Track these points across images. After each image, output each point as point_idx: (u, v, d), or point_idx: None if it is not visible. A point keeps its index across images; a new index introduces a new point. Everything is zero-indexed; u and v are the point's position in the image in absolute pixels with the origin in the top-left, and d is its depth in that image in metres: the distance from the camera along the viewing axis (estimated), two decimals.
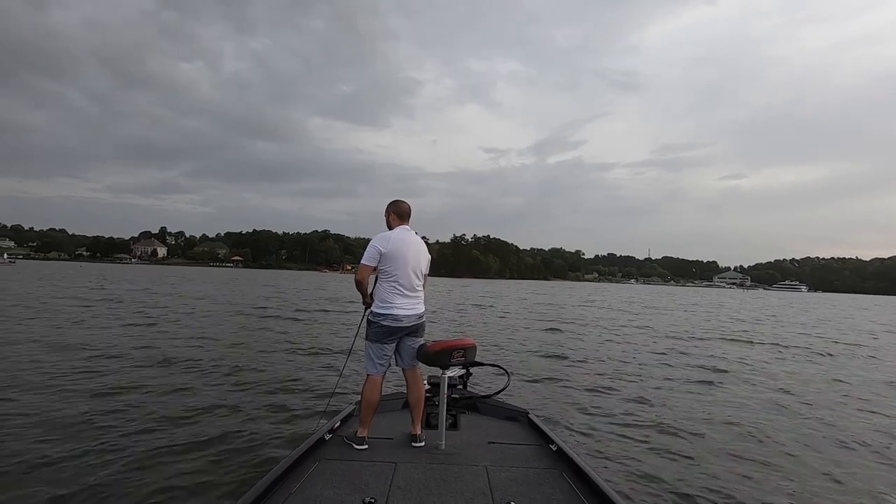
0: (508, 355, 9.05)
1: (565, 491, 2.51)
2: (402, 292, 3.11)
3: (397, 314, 3.09)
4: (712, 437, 4.75)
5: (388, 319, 3.08)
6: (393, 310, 3.08)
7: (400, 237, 3.18)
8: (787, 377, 8.08)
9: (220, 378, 6.30)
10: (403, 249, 3.13)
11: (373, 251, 3.11)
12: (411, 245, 3.18)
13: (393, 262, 3.10)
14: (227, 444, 4.01)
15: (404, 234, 3.21)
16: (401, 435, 3.20)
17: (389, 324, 3.09)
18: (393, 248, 3.11)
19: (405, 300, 3.12)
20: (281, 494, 2.34)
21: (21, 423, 4.28)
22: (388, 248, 3.11)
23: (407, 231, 3.25)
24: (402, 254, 3.12)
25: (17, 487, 3.20)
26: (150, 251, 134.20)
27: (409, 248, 3.15)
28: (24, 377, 5.86)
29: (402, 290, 3.11)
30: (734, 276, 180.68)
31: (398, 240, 3.16)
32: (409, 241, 3.19)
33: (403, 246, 3.14)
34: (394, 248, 3.11)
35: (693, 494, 3.50)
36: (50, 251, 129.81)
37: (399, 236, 3.19)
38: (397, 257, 3.10)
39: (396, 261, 3.10)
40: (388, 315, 3.08)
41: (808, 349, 11.91)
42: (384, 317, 3.09)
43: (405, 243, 3.16)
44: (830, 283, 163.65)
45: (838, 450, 4.60)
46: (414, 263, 3.15)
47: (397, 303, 3.09)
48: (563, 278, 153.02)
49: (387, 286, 3.12)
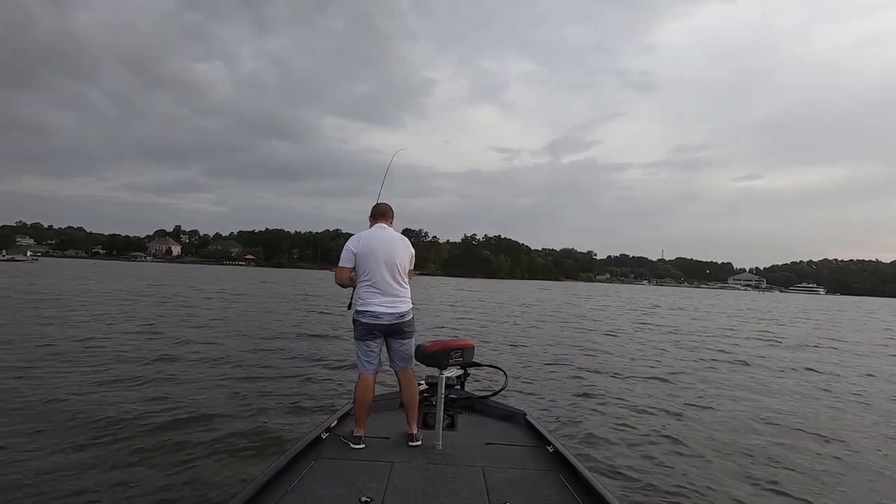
0: (508, 356, 9.05)
1: (562, 492, 2.49)
2: (377, 290, 3.10)
3: (376, 311, 3.09)
4: (711, 440, 4.72)
5: (366, 316, 3.10)
6: (371, 307, 3.09)
7: (370, 235, 3.20)
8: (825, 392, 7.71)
9: (221, 376, 6.33)
10: (373, 247, 3.13)
11: (346, 252, 3.16)
12: (381, 242, 3.17)
13: (364, 261, 3.11)
14: (224, 441, 4.02)
15: (375, 232, 3.23)
16: (398, 434, 3.19)
17: (368, 321, 3.09)
18: (363, 246, 3.13)
19: (383, 298, 3.10)
20: (277, 493, 2.34)
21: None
22: (359, 247, 3.13)
23: (382, 228, 3.25)
24: (372, 251, 3.12)
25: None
26: (164, 249, 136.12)
27: (378, 245, 3.15)
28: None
29: (377, 288, 3.10)
30: (749, 278, 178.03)
31: (368, 237, 3.18)
32: (379, 238, 3.19)
33: (373, 243, 3.15)
34: (364, 247, 3.13)
35: (690, 496, 3.48)
36: (67, 249, 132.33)
37: (369, 234, 3.21)
38: (367, 255, 3.11)
39: (367, 259, 3.11)
40: (366, 312, 3.10)
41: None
42: (363, 314, 3.11)
43: (375, 240, 3.17)
44: (849, 286, 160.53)
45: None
46: (386, 260, 3.13)
47: (374, 300, 3.10)
48: (574, 279, 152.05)
49: (363, 285, 3.14)
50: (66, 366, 6.47)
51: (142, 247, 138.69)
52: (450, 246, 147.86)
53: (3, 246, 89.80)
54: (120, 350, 7.73)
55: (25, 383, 5.50)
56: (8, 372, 5.92)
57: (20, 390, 5.21)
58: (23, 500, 3.04)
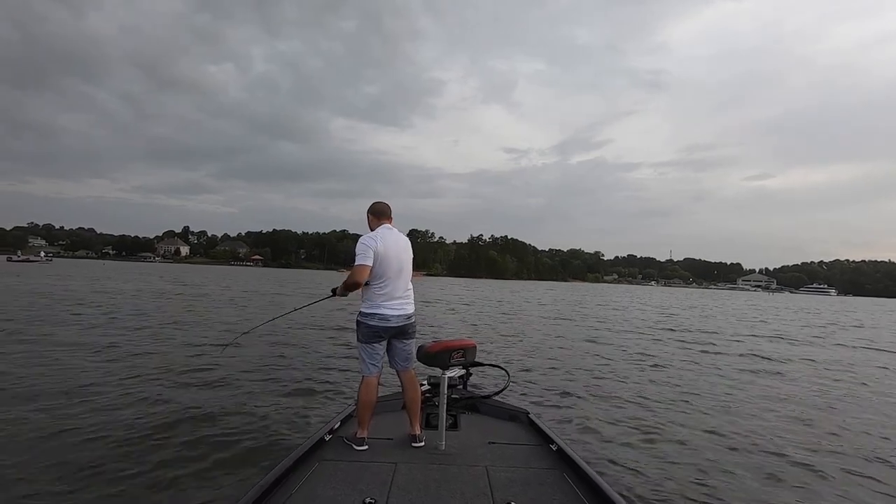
0: (510, 354, 9.01)
1: (565, 491, 2.49)
2: (388, 292, 3.07)
3: (385, 314, 3.05)
4: (715, 440, 4.67)
5: (375, 319, 3.05)
6: (381, 309, 3.05)
7: (385, 236, 3.14)
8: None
9: (224, 377, 6.31)
10: (389, 249, 3.10)
11: (366, 250, 3.03)
12: (393, 244, 3.14)
13: (379, 263, 3.06)
14: (227, 444, 4.01)
15: (389, 234, 3.18)
16: (401, 435, 3.20)
17: (377, 324, 3.05)
18: (381, 247, 3.07)
19: (393, 301, 3.08)
20: (281, 495, 2.35)
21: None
22: (378, 247, 3.06)
23: (390, 229, 3.22)
24: (388, 253, 3.08)
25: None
26: (173, 250, 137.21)
27: (393, 247, 3.12)
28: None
29: (388, 291, 3.07)
30: (759, 279, 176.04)
31: (384, 238, 3.13)
32: (394, 240, 3.16)
33: (389, 245, 3.11)
34: (381, 248, 3.07)
35: (694, 496, 3.46)
36: (78, 250, 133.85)
37: (384, 235, 3.15)
38: (381, 257, 3.06)
39: (383, 261, 3.06)
40: (375, 315, 3.05)
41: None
42: (371, 316, 3.06)
43: (391, 243, 3.13)
44: (861, 287, 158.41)
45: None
46: (398, 263, 3.11)
47: (385, 303, 3.06)
48: (581, 279, 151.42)
49: (374, 286, 3.08)
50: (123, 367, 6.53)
51: (151, 247, 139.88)
52: (456, 246, 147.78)
53: (16, 247, 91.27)
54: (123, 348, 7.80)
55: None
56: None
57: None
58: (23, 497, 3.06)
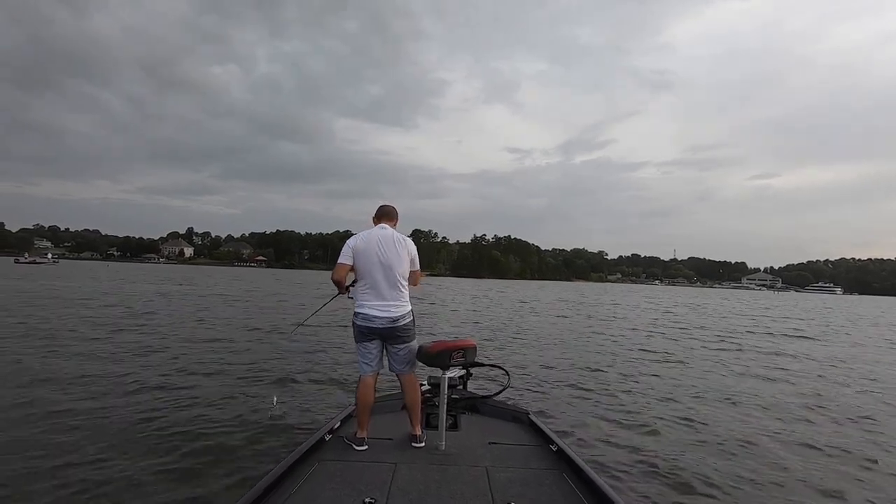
0: (510, 354, 9.01)
1: (566, 492, 2.48)
2: (372, 292, 3.07)
3: (369, 314, 3.05)
4: (716, 441, 4.65)
5: (360, 318, 3.07)
6: (365, 309, 3.06)
7: (369, 234, 3.14)
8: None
9: (224, 377, 6.34)
10: (370, 246, 3.08)
11: (345, 249, 3.11)
12: (378, 242, 3.10)
13: (360, 261, 3.07)
14: (227, 444, 4.01)
15: (374, 231, 3.17)
16: (401, 435, 3.19)
17: (361, 323, 3.07)
18: (360, 245, 3.08)
19: (376, 301, 3.06)
20: (280, 495, 2.35)
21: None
22: (356, 244, 3.09)
23: (381, 228, 3.20)
24: (370, 251, 3.08)
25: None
26: (177, 251, 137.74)
27: (375, 244, 3.09)
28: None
29: (371, 290, 3.07)
30: (763, 278, 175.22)
31: (367, 236, 3.13)
32: (377, 237, 3.12)
33: (371, 243, 3.10)
34: (360, 246, 3.08)
35: (696, 496, 3.45)
36: (83, 251, 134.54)
37: (368, 233, 3.15)
38: (361, 255, 3.07)
39: (364, 259, 3.07)
40: (359, 314, 3.08)
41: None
42: (357, 315, 3.09)
43: (373, 240, 3.11)
44: (867, 285, 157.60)
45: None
46: (382, 261, 3.06)
47: (369, 302, 3.06)
48: (585, 279, 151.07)
49: (359, 285, 3.12)
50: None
51: (155, 249, 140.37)
52: (459, 246, 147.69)
53: (21, 248, 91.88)
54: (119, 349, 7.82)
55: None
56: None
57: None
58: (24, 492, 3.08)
